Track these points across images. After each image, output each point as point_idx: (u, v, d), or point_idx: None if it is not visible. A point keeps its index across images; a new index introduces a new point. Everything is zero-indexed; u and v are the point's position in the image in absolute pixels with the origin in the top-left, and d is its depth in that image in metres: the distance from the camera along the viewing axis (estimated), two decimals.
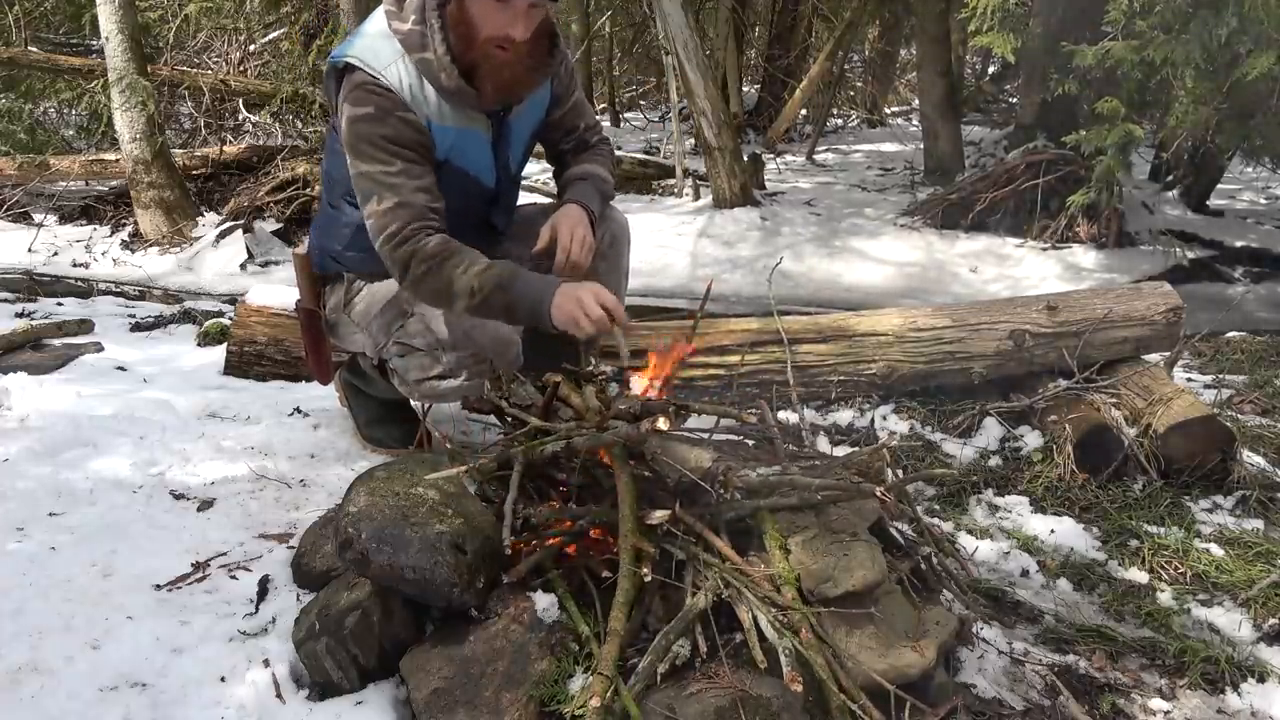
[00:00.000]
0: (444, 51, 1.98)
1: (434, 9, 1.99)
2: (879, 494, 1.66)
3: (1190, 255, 5.48)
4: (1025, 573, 2.22)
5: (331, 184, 2.28)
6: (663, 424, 1.74)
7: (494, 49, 1.96)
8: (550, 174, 2.62)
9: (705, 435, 2.00)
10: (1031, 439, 2.77)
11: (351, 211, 2.22)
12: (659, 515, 1.63)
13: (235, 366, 3.20)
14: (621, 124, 11.64)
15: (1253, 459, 2.64)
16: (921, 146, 7.96)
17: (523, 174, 2.41)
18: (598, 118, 2.50)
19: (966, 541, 2.29)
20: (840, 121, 11.09)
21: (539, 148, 2.43)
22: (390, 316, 2.24)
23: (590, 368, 2.16)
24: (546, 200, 2.67)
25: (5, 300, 5.02)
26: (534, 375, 2.17)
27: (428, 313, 2.18)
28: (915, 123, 10.43)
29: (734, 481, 1.66)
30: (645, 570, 1.56)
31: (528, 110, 2.22)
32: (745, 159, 6.89)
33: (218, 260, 6.10)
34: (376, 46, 2.02)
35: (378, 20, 2.07)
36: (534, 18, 1.97)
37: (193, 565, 1.93)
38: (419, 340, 2.19)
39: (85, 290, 5.68)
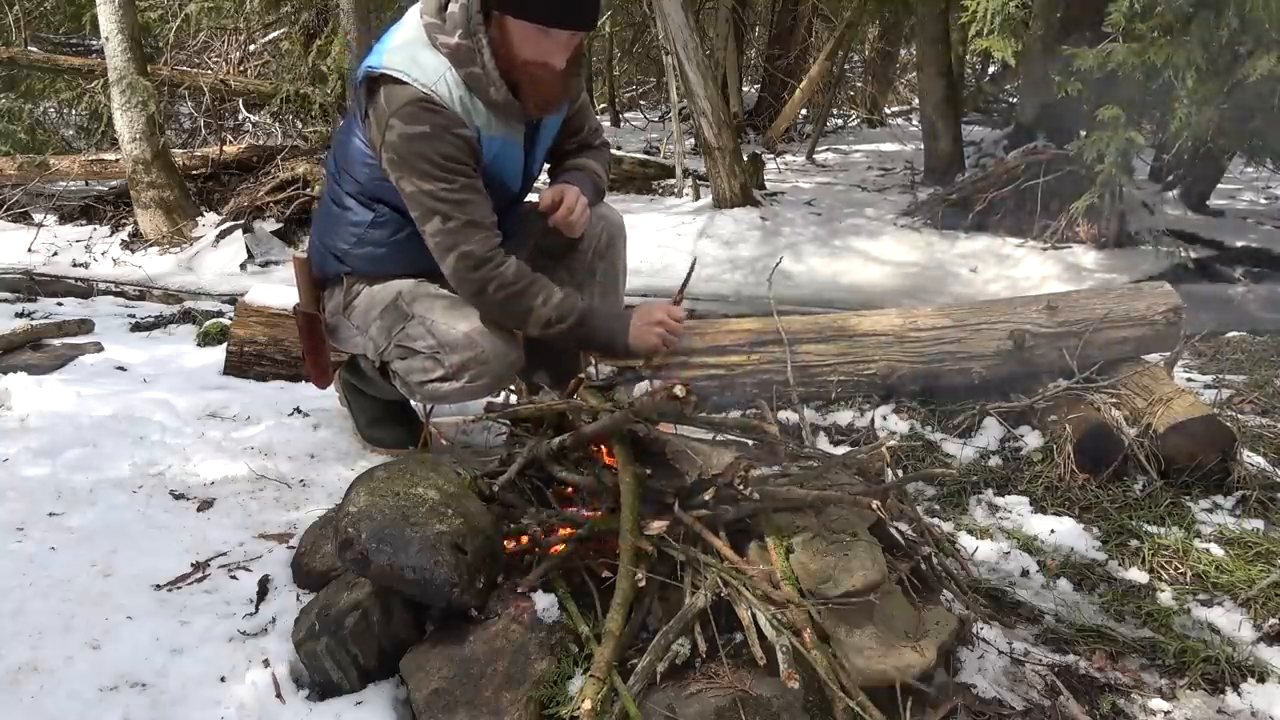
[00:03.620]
0: (493, 66, 2.03)
1: (480, 24, 2.01)
2: (872, 507, 1.65)
3: (1191, 255, 5.48)
4: (1025, 573, 2.21)
5: (340, 182, 2.27)
6: (679, 390, 1.72)
7: (535, 70, 2.02)
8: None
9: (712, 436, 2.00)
10: (1031, 439, 2.77)
11: (362, 211, 2.22)
12: (656, 526, 1.63)
13: (235, 366, 3.20)
14: (621, 124, 11.64)
15: (1253, 459, 2.63)
16: (921, 146, 7.96)
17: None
18: (598, 119, 2.55)
19: (966, 541, 2.29)
20: (840, 121, 11.09)
21: None
22: (391, 320, 2.23)
23: (590, 368, 2.16)
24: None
25: (5, 300, 5.03)
26: (552, 381, 2.19)
27: (428, 316, 2.18)
28: (915, 123, 10.43)
29: (751, 481, 1.65)
30: (640, 575, 1.56)
31: (553, 118, 2.26)
32: (745, 159, 6.88)
33: (218, 260, 6.10)
34: (419, 59, 2.03)
35: (410, 30, 2.07)
36: (571, 45, 2.03)
37: (193, 565, 1.93)
38: (420, 344, 2.18)
39: (85, 290, 5.69)
